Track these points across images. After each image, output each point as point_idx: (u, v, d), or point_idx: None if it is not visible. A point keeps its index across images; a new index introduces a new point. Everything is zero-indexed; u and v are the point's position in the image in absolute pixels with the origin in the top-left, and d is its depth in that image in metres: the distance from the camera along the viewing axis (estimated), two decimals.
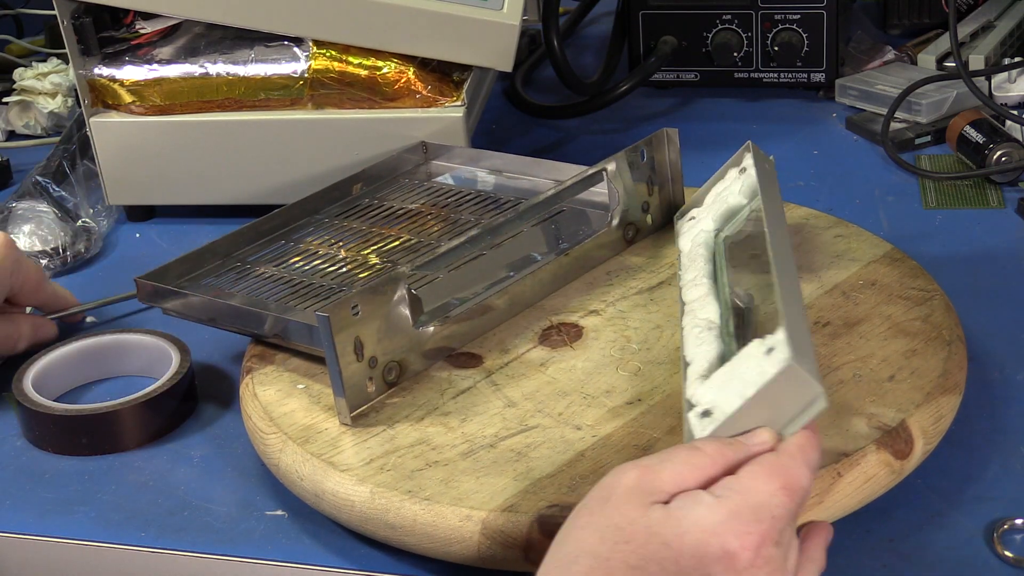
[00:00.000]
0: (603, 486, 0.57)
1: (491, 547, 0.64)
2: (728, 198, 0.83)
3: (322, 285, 0.82)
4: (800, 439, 0.59)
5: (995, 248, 0.93)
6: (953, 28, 1.10)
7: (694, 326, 0.72)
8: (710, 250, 0.81)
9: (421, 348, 0.75)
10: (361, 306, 0.71)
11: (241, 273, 0.85)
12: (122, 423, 0.78)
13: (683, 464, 0.57)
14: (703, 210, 0.85)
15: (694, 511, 0.55)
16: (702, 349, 0.69)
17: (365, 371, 0.72)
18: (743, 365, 0.62)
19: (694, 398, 0.64)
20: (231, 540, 0.71)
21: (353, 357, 0.71)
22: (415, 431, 0.71)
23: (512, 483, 0.66)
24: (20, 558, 0.73)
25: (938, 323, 0.76)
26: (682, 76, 1.21)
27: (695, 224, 0.84)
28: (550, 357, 0.76)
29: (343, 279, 0.83)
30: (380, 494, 0.66)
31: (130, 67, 1.00)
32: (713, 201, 0.84)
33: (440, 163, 0.97)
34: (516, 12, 0.96)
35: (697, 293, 0.76)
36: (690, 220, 0.85)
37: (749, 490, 0.56)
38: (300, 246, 0.88)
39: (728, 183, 0.84)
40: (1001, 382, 0.78)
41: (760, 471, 0.57)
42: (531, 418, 0.71)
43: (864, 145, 1.10)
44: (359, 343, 0.71)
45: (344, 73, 0.98)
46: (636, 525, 0.55)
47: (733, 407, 0.60)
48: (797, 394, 0.60)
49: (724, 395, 0.62)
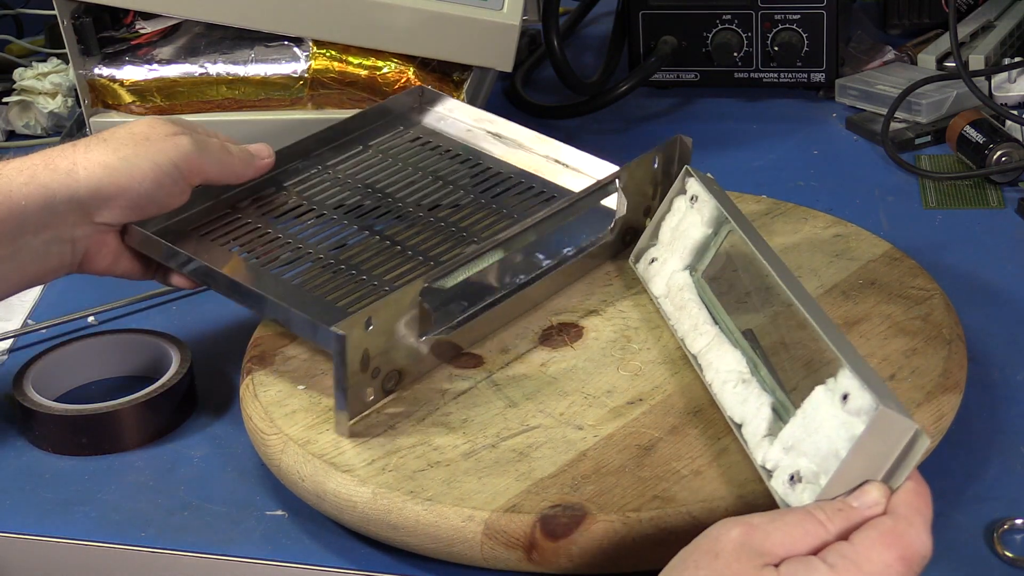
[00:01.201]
0: (709, 538, 0.55)
1: (494, 547, 0.64)
2: (690, 231, 0.79)
3: (319, 257, 0.81)
4: (911, 496, 0.56)
5: (995, 248, 0.93)
6: (953, 28, 1.10)
7: (724, 382, 0.69)
8: (695, 292, 0.77)
9: (421, 355, 0.75)
10: (376, 318, 0.70)
11: (231, 224, 0.84)
12: (122, 423, 0.78)
13: (795, 528, 0.55)
14: (662, 248, 0.80)
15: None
16: (749, 407, 0.67)
17: (367, 381, 0.72)
18: (818, 418, 0.60)
19: (769, 462, 0.62)
20: (231, 540, 0.71)
21: (359, 368, 0.71)
22: (416, 432, 0.71)
23: (514, 483, 0.66)
24: (20, 558, 0.73)
25: (938, 322, 0.76)
26: (682, 76, 1.21)
27: (662, 265, 0.80)
28: (551, 357, 0.76)
29: (337, 247, 0.81)
30: (382, 495, 0.66)
31: (130, 67, 1.00)
32: (672, 237, 0.80)
33: (437, 109, 0.95)
34: (516, 12, 0.96)
35: (704, 342, 0.73)
36: (652, 261, 0.81)
37: (865, 560, 0.54)
38: (291, 197, 0.86)
39: (681, 215, 0.80)
40: (1001, 382, 0.78)
41: (876, 538, 0.54)
42: (532, 418, 0.71)
43: (864, 145, 1.10)
44: (367, 356, 0.71)
45: (344, 73, 0.98)
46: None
47: (830, 469, 0.58)
48: (893, 439, 0.57)
49: (810, 455, 0.60)
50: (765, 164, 1.09)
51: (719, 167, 1.08)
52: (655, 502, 0.64)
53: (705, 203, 0.78)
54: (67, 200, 0.75)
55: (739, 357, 0.70)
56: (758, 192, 0.94)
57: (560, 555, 0.63)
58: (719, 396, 0.69)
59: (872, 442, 0.57)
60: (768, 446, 0.63)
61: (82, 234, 0.77)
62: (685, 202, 0.80)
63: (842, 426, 0.59)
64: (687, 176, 0.80)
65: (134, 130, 0.79)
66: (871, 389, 0.58)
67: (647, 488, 0.65)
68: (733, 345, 0.71)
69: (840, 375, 0.60)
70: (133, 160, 0.77)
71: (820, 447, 0.59)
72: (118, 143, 0.77)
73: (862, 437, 0.57)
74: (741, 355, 0.70)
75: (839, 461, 0.58)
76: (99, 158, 0.76)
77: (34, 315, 0.93)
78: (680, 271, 0.78)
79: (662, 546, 0.63)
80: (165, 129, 0.79)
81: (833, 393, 0.60)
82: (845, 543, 0.55)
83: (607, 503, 0.64)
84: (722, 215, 0.77)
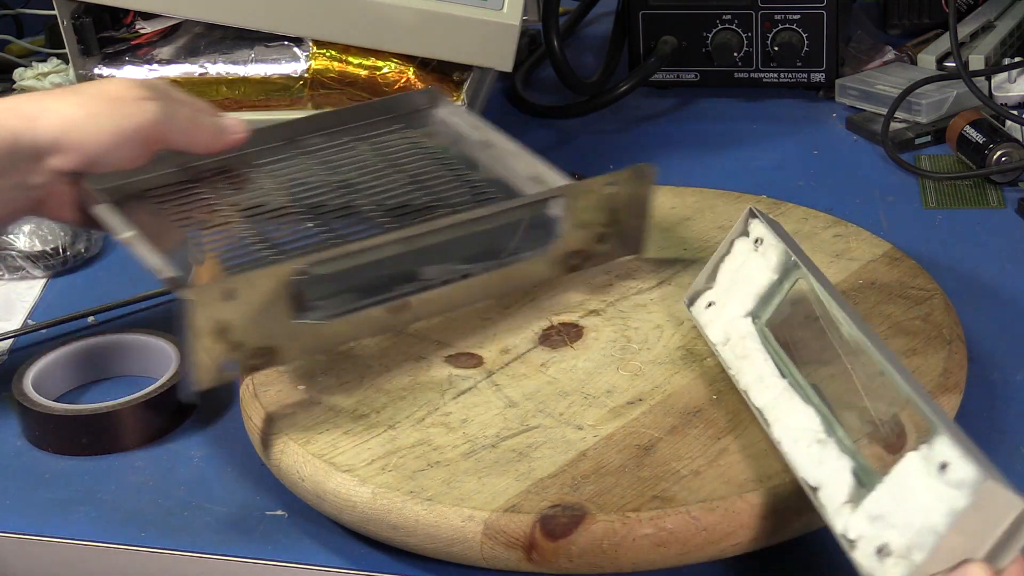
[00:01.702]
0: None
1: (493, 547, 0.64)
2: (754, 276, 0.74)
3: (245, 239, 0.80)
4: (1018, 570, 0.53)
5: (995, 248, 0.93)
6: (953, 28, 1.10)
7: (797, 440, 0.64)
8: (758, 341, 0.72)
9: (298, 337, 0.72)
10: (238, 292, 0.69)
11: (185, 194, 0.83)
12: (122, 423, 0.78)
13: None
14: (721, 292, 0.76)
15: None
16: (826, 469, 0.62)
17: (225, 353, 0.70)
18: (910, 488, 0.56)
19: (851, 532, 0.58)
20: (231, 540, 0.71)
21: (214, 339, 0.69)
22: (416, 431, 0.71)
23: (514, 483, 0.66)
24: (20, 558, 0.73)
25: (938, 322, 0.76)
26: (682, 76, 1.21)
27: (720, 310, 0.75)
28: (551, 357, 0.76)
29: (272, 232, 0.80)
30: (382, 495, 0.66)
31: (130, 67, 1.00)
32: (732, 281, 0.75)
33: (443, 115, 0.93)
34: (516, 12, 0.97)
35: (771, 395, 0.68)
36: (710, 306, 0.76)
37: None
38: (259, 177, 0.86)
39: (743, 258, 0.75)
40: (1001, 382, 0.78)
41: None
42: (532, 418, 0.71)
43: (864, 145, 1.10)
44: (225, 327, 0.69)
45: (344, 73, 0.98)
46: None
47: (926, 544, 0.54)
48: (998, 515, 0.53)
49: (900, 528, 0.55)
50: (765, 164, 1.09)
51: (719, 167, 1.09)
52: (655, 502, 0.64)
53: (772, 247, 0.73)
54: (29, 145, 0.77)
55: (812, 414, 0.66)
56: (758, 192, 0.94)
57: (560, 555, 0.63)
58: (790, 455, 0.65)
59: (975, 517, 0.53)
60: (850, 514, 0.59)
61: (39, 180, 0.78)
62: (748, 245, 0.75)
63: (940, 498, 0.54)
64: (751, 217, 0.75)
65: (107, 88, 0.80)
66: (974, 460, 0.54)
67: (647, 488, 0.65)
68: (804, 401, 0.67)
69: (937, 442, 0.55)
70: (97, 118, 0.78)
71: (913, 520, 0.55)
72: (87, 98, 0.79)
73: (965, 512, 0.53)
74: (814, 412, 0.66)
75: (936, 536, 0.53)
76: (64, 110, 0.78)
77: (34, 315, 0.93)
78: (742, 317, 0.73)
79: (662, 546, 0.63)
80: (136, 92, 0.80)
81: (928, 461, 0.56)
82: None
83: (607, 503, 0.64)
84: (791, 261, 0.72)
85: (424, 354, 0.77)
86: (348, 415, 0.72)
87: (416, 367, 0.76)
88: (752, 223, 0.75)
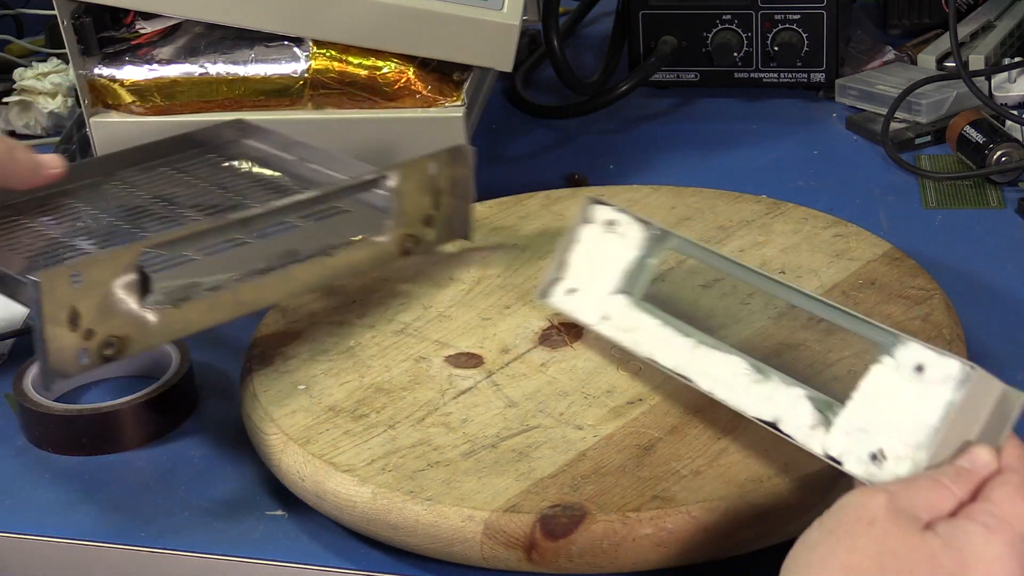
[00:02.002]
0: (853, 508, 0.54)
1: (493, 547, 0.64)
2: (614, 256, 0.76)
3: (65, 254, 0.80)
4: (1019, 450, 0.56)
5: (995, 248, 0.93)
6: (953, 28, 1.10)
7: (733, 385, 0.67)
8: (643, 311, 0.74)
9: (149, 327, 0.72)
10: (84, 275, 0.69)
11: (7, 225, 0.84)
12: (122, 423, 0.78)
13: (931, 492, 0.55)
14: (578, 278, 0.77)
15: (971, 542, 0.52)
16: (779, 403, 0.65)
17: (78, 342, 0.69)
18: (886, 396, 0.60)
19: (832, 449, 0.61)
20: (231, 540, 0.71)
21: (66, 327, 0.68)
22: (416, 431, 0.71)
23: (514, 483, 0.66)
24: (20, 558, 0.73)
25: (938, 322, 0.76)
26: (682, 76, 1.21)
27: (584, 294, 0.77)
28: (551, 357, 0.76)
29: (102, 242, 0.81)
30: (382, 495, 0.66)
31: (130, 67, 1.00)
32: (588, 265, 0.77)
33: (253, 143, 0.96)
34: (516, 12, 0.96)
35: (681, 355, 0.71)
36: (571, 292, 0.78)
37: (1013, 515, 0.54)
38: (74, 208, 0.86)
39: (595, 242, 0.77)
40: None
41: (1013, 494, 0.54)
42: (532, 418, 0.71)
43: (864, 145, 1.10)
44: (75, 313, 0.69)
45: (344, 73, 0.98)
46: (917, 553, 0.52)
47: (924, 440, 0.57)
48: (985, 399, 0.57)
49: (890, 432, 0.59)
50: (765, 164, 1.09)
51: (719, 167, 1.09)
52: (655, 502, 0.64)
53: (629, 226, 0.76)
54: None
55: (738, 361, 0.68)
56: (758, 192, 0.94)
57: (560, 555, 0.63)
58: (731, 400, 0.67)
59: (965, 406, 0.57)
60: (824, 435, 0.62)
61: None
62: (596, 230, 0.77)
63: (926, 397, 0.58)
64: (592, 204, 0.78)
65: None
66: (950, 356, 0.58)
67: (647, 488, 0.65)
68: (726, 352, 0.69)
69: (904, 349, 0.60)
70: None
71: (903, 422, 0.59)
72: None
73: (957, 403, 0.57)
74: (739, 359, 0.69)
75: (934, 431, 0.57)
76: None
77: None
78: (612, 295, 0.76)
79: (662, 546, 0.63)
80: None
81: (900, 368, 0.60)
82: (986, 503, 0.54)
83: (607, 503, 0.64)
84: (655, 235, 0.75)
85: (424, 354, 0.77)
86: (348, 415, 0.73)
87: (416, 367, 0.76)
88: (595, 209, 0.77)
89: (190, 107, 1.00)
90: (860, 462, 0.60)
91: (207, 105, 1.00)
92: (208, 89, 0.99)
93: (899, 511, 0.53)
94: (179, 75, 1.00)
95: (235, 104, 1.00)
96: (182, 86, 1.00)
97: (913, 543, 0.52)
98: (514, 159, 1.15)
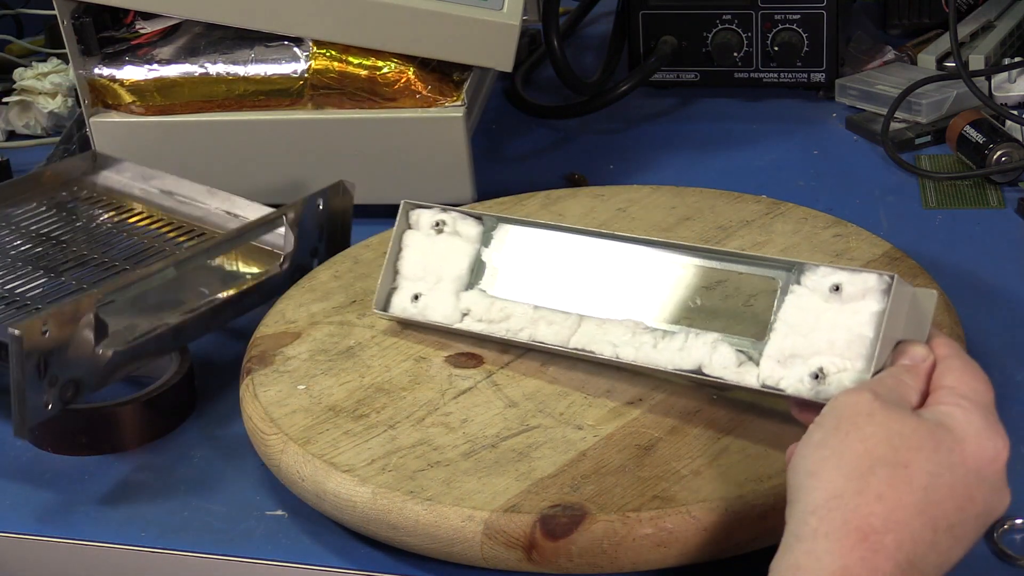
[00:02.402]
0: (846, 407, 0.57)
1: (494, 547, 0.64)
2: (452, 255, 0.77)
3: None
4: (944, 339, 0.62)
5: (995, 248, 0.93)
6: (953, 28, 1.10)
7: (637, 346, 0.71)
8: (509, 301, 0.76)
9: (98, 369, 0.76)
10: (50, 324, 0.72)
11: None
12: (122, 423, 0.78)
13: (901, 386, 0.59)
14: (418, 283, 0.78)
15: (955, 420, 0.57)
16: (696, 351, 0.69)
17: (45, 389, 0.73)
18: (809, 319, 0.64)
19: (770, 380, 0.65)
20: (231, 540, 0.71)
21: (36, 375, 0.72)
22: (416, 431, 0.71)
23: (514, 483, 0.66)
24: (20, 558, 0.73)
25: (938, 322, 0.76)
26: (682, 76, 1.21)
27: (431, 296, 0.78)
28: (551, 357, 0.76)
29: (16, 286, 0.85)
30: (382, 495, 0.66)
31: (130, 67, 1.00)
32: (425, 269, 0.78)
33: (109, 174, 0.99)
34: (516, 12, 0.96)
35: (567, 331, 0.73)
36: (416, 298, 0.78)
37: (974, 392, 0.59)
38: None
39: (425, 246, 0.78)
40: (1001, 382, 0.78)
41: (966, 373, 0.60)
42: (532, 418, 0.71)
43: (864, 145, 1.10)
44: (44, 362, 0.72)
45: (344, 73, 0.98)
46: (920, 432, 0.56)
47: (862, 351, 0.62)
48: (900, 304, 0.62)
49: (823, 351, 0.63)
50: (765, 164, 1.09)
51: (719, 167, 1.09)
52: (655, 502, 0.64)
53: (460, 223, 0.77)
54: None
55: (631, 325, 0.71)
56: (758, 192, 0.94)
57: (560, 555, 0.63)
58: (643, 360, 0.70)
59: (894, 311, 0.62)
60: (755, 368, 0.66)
61: None
62: (421, 234, 0.78)
63: (851, 312, 0.63)
64: (411, 210, 0.78)
65: None
66: (863, 270, 0.63)
67: (647, 488, 0.65)
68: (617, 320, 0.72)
69: (814, 274, 0.64)
70: None
71: (834, 339, 0.63)
72: None
73: (883, 311, 0.62)
74: (633, 323, 0.71)
75: (868, 341, 0.62)
76: None
77: None
78: (465, 292, 0.77)
79: (662, 546, 0.63)
80: None
81: (814, 292, 0.64)
82: (944, 389, 0.59)
83: (607, 503, 0.64)
84: (489, 227, 0.77)
85: (424, 354, 0.77)
86: (348, 415, 0.73)
87: (416, 367, 0.76)
88: (416, 214, 0.78)
89: (190, 107, 1.00)
90: (803, 384, 0.64)
91: (207, 105, 1.00)
92: (208, 89, 0.99)
93: (887, 402, 0.57)
94: (179, 75, 1.00)
95: (235, 104, 1.00)
96: (182, 86, 1.00)
97: (912, 424, 0.56)
98: (514, 159, 1.15)
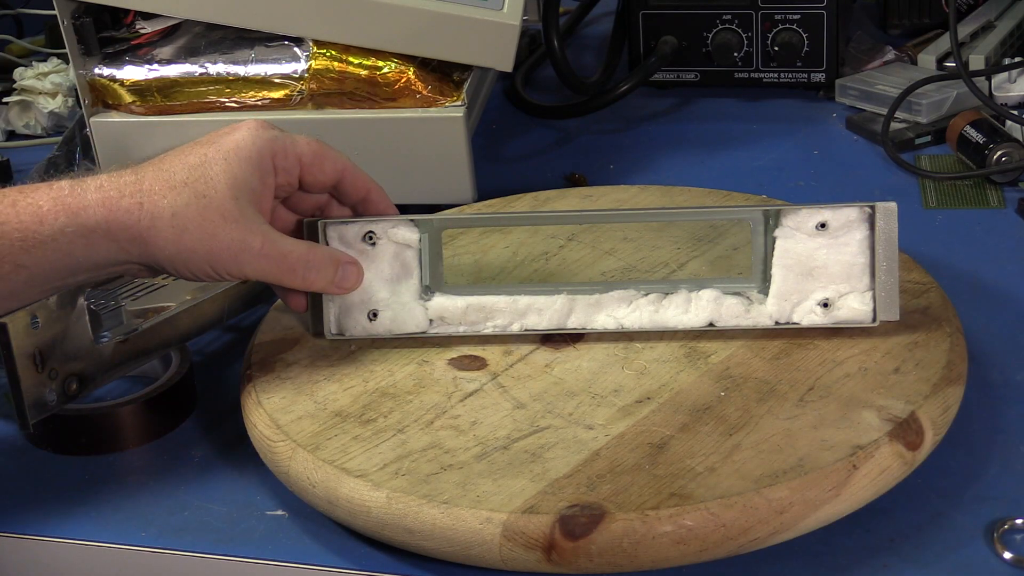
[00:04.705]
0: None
1: (513, 549, 0.63)
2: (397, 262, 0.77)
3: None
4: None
5: (995, 248, 0.93)
6: (953, 28, 1.10)
7: (641, 315, 0.74)
8: (485, 295, 0.77)
9: (101, 362, 0.76)
10: (40, 317, 0.72)
11: None
12: (122, 423, 0.78)
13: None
14: (371, 300, 0.78)
15: None
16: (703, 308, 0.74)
17: (45, 382, 0.73)
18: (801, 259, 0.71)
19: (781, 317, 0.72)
20: (231, 540, 0.71)
21: (32, 368, 0.72)
22: (426, 435, 0.70)
23: (530, 484, 0.65)
24: (20, 558, 0.73)
25: (937, 315, 0.76)
26: (682, 76, 1.21)
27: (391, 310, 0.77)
28: (555, 358, 0.76)
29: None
30: (397, 499, 0.66)
31: (130, 67, 1.00)
32: (375, 285, 0.77)
33: None
34: (516, 12, 0.96)
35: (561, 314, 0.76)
36: (374, 316, 0.77)
37: None
38: None
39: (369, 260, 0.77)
40: (1001, 382, 0.78)
41: None
42: (541, 419, 0.71)
43: (864, 145, 1.10)
44: (39, 355, 0.72)
45: (344, 73, 0.98)
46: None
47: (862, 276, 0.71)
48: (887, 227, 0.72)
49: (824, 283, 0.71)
50: (765, 164, 1.09)
51: (719, 167, 1.09)
52: (673, 499, 0.63)
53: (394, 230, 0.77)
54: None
55: (624, 293, 0.75)
56: (758, 192, 0.94)
57: (580, 555, 0.63)
58: (650, 325, 0.75)
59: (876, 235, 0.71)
60: (764, 309, 0.73)
61: None
62: (354, 251, 0.77)
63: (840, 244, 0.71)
64: (331, 226, 0.77)
65: None
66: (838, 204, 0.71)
67: (664, 486, 0.64)
68: (620, 295, 0.75)
69: (795, 216, 0.71)
70: None
71: (832, 271, 0.71)
72: None
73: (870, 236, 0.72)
74: (624, 291, 0.75)
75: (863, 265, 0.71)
76: None
77: None
78: (433, 297, 0.78)
79: (682, 543, 0.62)
80: None
81: (800, 231, 0.71)
82: None
83: (625, 502, 0.63)
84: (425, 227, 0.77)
85: (426, 357, 0.77)
86: (356, 420, 0.72)
87: (420, 370, 0.76)
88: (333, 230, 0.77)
89: (190, 107, 1.00)
90: (813, 316, 0.71)
91: (207, 105, 1.00)
92: (208, 89, 0.99)
93: None
94: (179, 75, 0.99)
95: (235, 104, 1.00)
96: (182, 86, 0.99)
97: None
98: (514, 159, 1.15)
